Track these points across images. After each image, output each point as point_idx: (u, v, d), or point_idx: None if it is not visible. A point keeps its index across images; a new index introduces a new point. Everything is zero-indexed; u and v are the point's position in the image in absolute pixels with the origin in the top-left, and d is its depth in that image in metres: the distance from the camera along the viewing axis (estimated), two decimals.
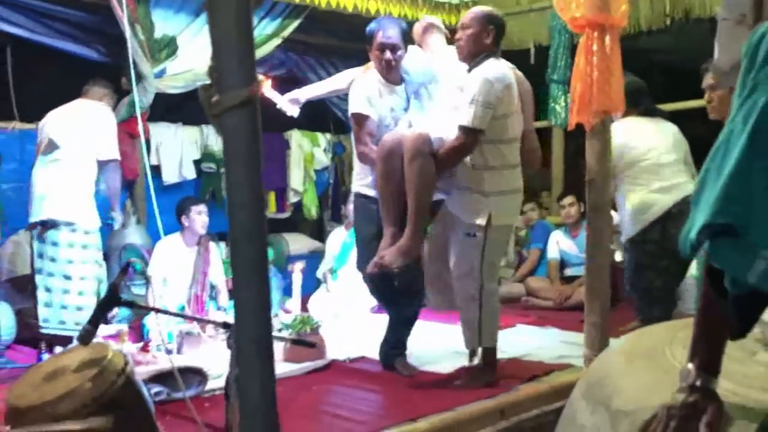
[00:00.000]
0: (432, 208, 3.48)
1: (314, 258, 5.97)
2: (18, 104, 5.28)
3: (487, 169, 3.32)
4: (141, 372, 3.09)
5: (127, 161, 5.09)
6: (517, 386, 3.32)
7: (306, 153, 6.81)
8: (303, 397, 3.33)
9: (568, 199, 5.77)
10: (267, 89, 3.90)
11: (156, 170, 5.51)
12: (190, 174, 6.03)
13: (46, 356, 3.71)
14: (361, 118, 3.59)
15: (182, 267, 4.73)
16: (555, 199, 6.36)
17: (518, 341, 4.35)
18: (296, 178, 6.69)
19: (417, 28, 3.83)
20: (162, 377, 3.10)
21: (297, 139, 6.75)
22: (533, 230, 6.19)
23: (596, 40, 3.23)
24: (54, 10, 5.07)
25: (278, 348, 3.83)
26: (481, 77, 3.24)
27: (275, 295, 5.42)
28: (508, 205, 3.39)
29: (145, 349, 3.82)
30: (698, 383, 1.20)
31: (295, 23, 5.69)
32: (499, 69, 3.30)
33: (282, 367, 3.74)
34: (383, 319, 5.18)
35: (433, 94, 3.62)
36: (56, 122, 4.34)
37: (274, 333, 3.01)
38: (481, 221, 3.30)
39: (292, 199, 6.70)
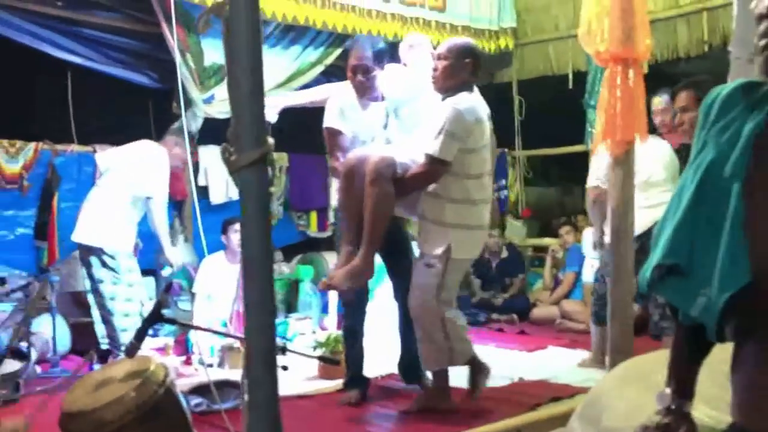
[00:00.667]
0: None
1: None
2: (76, 127, 5.62)
3: (450, 202, 3.27)
4: (182, 384, 3.31)
5: (177, 182, 5.39)
6: (537, 407, 3.41)
7: None
8: (332, 413, 3.48)
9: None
10: None
11: (204, 191, 5.77)
12: (237, 195, 6.25)
13: (96, 366, 3.97)
14: (332, 133, 3.58)
15: (225, 284, 4.95)
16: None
17: (548, 363, 4.44)
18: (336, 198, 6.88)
19: (403, 46, 3.84)
20: (202, 389, 3.29)
21: None
22: (569, 253, 6.25)
23: (620, 73, 3.33)
24: (110, 39, 5.41)
25: (314, 365, 4.00)
26: (451, 107, 3.19)
27: (314, 313, 5.60)
28: (469, 239, 3.32)
29: (187, 362, 4.03)
30: (673, 406, 1.31)
31: (338, 51, 5.91)
32: (471, 102, 3.26)
33: (316, 384, 3.91)
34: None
35: (415, 112, 3.57)
36: (112, 154, 4.62)
37: (305, 350, 3.20)
38: (438, 251, 3.25)
39: (333, 218, 6.90)
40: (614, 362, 3.51)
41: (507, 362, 4.45)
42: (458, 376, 3.48)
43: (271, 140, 1.00)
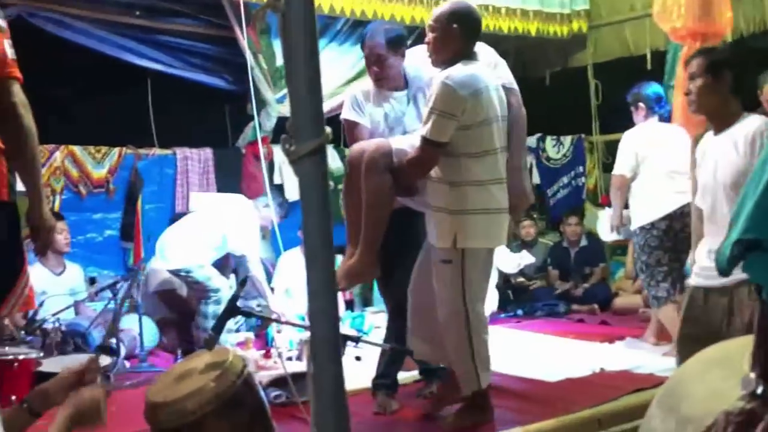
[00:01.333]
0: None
1: None
2: (157, 131, 5.84)
3: (451, 185, 2.92)
4: (262, 376, 3.40)
5: (252, 181, 5.52)
6: (618, 397, 3.32)
7: None
8: (409, 405, 3.48)
9: None
10: None
11: (279, 189, 5.90)
12: None
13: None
14: (350, 126, 3.33)
15: (303, 279, 5.04)
16: None
17: (630, 353, 4.32)
18: None
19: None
20: (281, 382, 3.37)
21: None
22: None
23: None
24: (187, 44, 5.61)
25: None
26: (439, 82, 2.85)
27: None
28: (481, 225, 2.93)
29: (267, 355, 4.12)
30: (758, 391, 1.26)
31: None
32: (464, 72, 2.86)
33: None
34: (494, 330, 5.27)
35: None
36: (205, 200, 5.04)
37: (379, 342, 3.22)
38: (447, 244, 2.92)
39: None
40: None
41: (588, 353, 4.36)
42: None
43: (328, 129, 1.01)
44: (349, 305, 5.61)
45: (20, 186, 2.40)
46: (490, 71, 3.00)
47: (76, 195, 5.32)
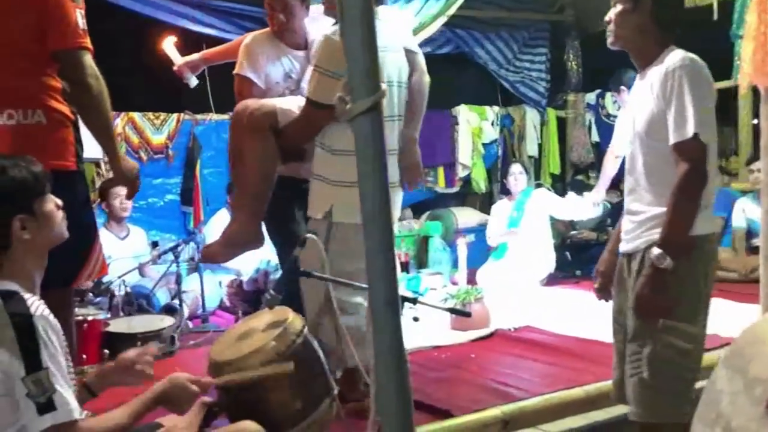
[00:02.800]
0: None
1: (482, 231, 6.11)
2: (213, 97, 5.90)
3: (333, 153, 2.67)
4: None
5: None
6: None
7: (474, 127, 6.93)
8: (465, 365, 3.51)
9: (758, 164, 5.40)
10: (168, 47, 3.53)
11: None
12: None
13: None
14: (243, 83, 2.98)
15: None
16: (743, 164, 5.97)
17: None
18: (464, 153, 6.83)
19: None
20: None
21: (464, 114, 6.88)
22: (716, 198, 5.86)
23: None
24: (239, 8, 5.63)
25: (446, 318, 4.05)
26: (324, 37, 2.60)
27: (445, 268, 5.64)
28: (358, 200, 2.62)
29: None
30: None
31: (459, 1, 5.78)
32: None
33: (449, 336, 3.95)
34: (552, 292, 5.24)
35: None
36: None
37: (436, 303, 3.23)
38: (319, 214, 2.67)
39: (461, 173, 6.86)
40: (766, 311, 3.29)
41: None
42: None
43: (384, 86, 0.99)
44: (405, 267, 5.63)
45: (86, 154, 2.48)
46: (391, 32, 2.73)
47: (137, 161, 5.42)
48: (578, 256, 6.08)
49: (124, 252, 4.78)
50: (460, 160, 6.81)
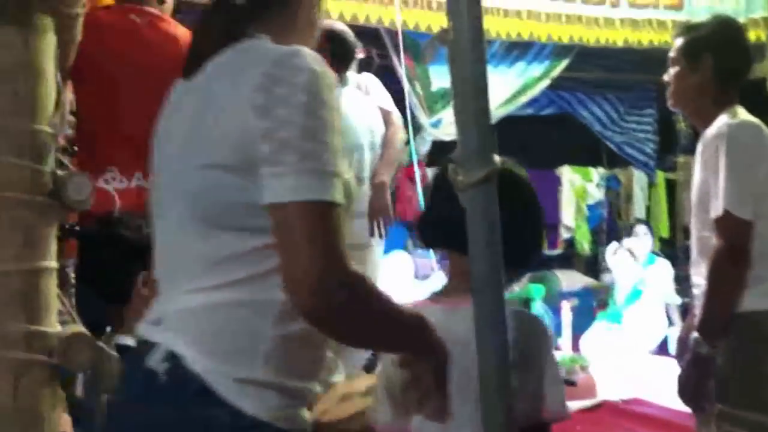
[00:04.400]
0: None
1: (587, 295, 5.92)
2: None
3: None
4: None
5: (408, 204, 5.61)
6: None
7: (577, 188, 6.81)
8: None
9: None
10: None
11: None
12: None
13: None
14: None
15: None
16: None
17: None
18: (568, 214, 6.71)
19: None
20: None
21: (568, 174, 6.78)
22: None
23: None
24: None
25: None
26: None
27: None
28: None
29: None
30: None
31: (564, 62, 5.77)
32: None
33: None
34: (664, 361, 4.97)
35: None
36: None
37: None
38: None
39: (564, 235, 6.72)
40: None
41: None
42: None
43: (497, 159, 1.00)
44: None
45: None
46: (362, 95, 2.89)
47: None
48: None
49: None
50: (563, 221, 6.68)
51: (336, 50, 2.76)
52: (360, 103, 2.88)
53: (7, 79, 1.41)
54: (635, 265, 5.65)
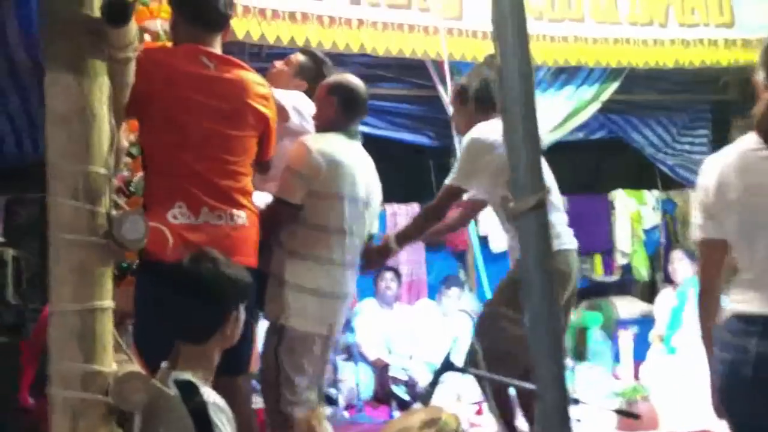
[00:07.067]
0: None
1: (646, 322, 5.73)
2: None
3: (288, 255, 2.66)
4: None
5: (457, 234, 5.56)
6: None
7: (632, 213, 6.64)
8: None
9: None
10: None
11: (484, 240, 5.87)
12: None
13: (396, 413, 4.18)
14: None
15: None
16: None
17: None
18: (623, 239, 6.54)
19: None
20: None
21: (621, 199, 6.62)
22: None
23: None
24: (391, 106, 5.88)
25: (610, 418, 3.77)
26: (299, 140, 2.74)
27: (606, 361, 5.32)
28: (311, 307, 2.63)
29: (479, 412, 4.05)
30: None
31: (614, 85, 5.70)
32: (327, 142, 2.73)
33: None
34: None
35: None
36: None
37: (601, 402, 3.03)
38: (272, 315, 2.65)
39: (620, 261, 6.55)
40: None
41: None
42: None
43: (548, 185, 0.97)
44: None
45: None
46: (361, 150, 2.88)
47: None
48: None
49: None
50: (618, 247, 6.52)
51: (343, 102, 2.81)
52: (363, 156, 2.91)
53: (62, 122, 1.45)
54: (671, 291, 5.47)
